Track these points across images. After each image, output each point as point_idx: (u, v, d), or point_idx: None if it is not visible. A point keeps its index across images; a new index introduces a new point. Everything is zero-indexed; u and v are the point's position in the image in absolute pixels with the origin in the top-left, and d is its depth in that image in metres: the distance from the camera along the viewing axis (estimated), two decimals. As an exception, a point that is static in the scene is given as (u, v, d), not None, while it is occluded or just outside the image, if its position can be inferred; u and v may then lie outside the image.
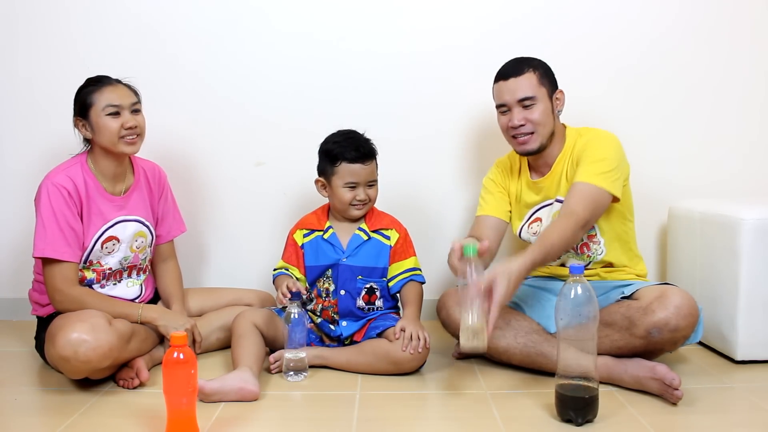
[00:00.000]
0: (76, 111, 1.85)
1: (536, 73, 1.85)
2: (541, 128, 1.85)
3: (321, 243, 1.95)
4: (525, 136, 1.86)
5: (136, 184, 1.95)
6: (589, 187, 1.76)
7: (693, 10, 2.35)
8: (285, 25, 2.34)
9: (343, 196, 1.91)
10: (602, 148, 1.82)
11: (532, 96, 1.84)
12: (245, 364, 1.71)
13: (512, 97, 1.85)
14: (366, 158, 1.90)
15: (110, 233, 1.86)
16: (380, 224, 1.98)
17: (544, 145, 1.87)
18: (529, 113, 1.84)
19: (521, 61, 1.89)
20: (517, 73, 1.86)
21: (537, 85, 1.85)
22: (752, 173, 2.38)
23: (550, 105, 1.87)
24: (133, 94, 1.87)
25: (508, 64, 1.90)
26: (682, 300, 1.64)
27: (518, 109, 1.85)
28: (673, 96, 2.36)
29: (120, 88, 1.85)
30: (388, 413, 1.59)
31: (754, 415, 1.60)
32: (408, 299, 1.93)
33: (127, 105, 1.83)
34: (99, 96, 1.81)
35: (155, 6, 2.33)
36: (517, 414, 1.58)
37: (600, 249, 1.89)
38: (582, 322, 1.47)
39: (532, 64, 1.87)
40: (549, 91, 1.87)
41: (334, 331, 1.92)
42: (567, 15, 2.33)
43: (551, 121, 1.87)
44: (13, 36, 2.33)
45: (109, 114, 1.80)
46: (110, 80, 1.86)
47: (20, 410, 1.65)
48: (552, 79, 1.90)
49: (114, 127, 1.80)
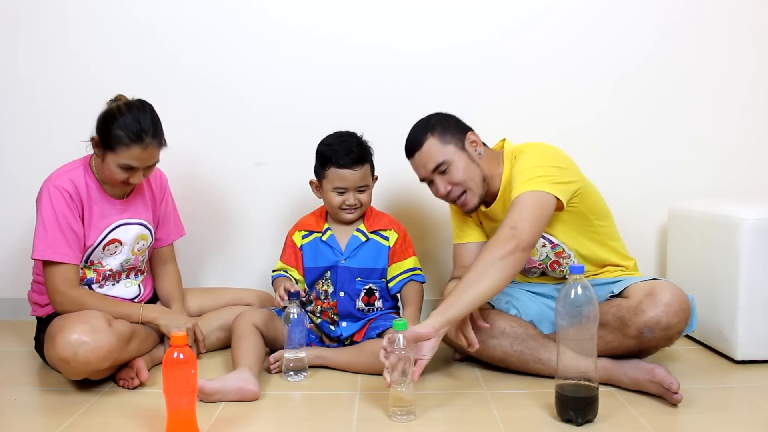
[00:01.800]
0: (98, 135, 1.76)
1: (435, 135, 1.78)
2: (470, 182, 1.79)
3: (319, 245, 1.94)
4: (461, 198, 1.81)
5: (138, 188, 1.94)
6: (523, 196, 1.63)
7: (693, 14, 2.34)
8: (285, 24, 2.34)
9: (332, 200, 1.91)
10: (531, 158, 1.73)
11: (442, 161, 1.77)
12: (245, 365, 1.71)
13: (426, 170, 1.80)
14: (355, 164, 1.87)
15: (113, 236, 1.86)
16: (379, 225, 1.97)
17: (483, 196, 1.81)
18: (450, 177, 1.78)
19: (417, 130, 1.82)
20: (417, 145, 1.80)
21: (442, 148, 1.77)
22: (752, 173, 2.38)
23: (465, 156, 1.79)
24: (159, 152, 1.79)
25: (408, 139, 1.84)
26: (672, 296, 1.62)
27: (438, 177, 1.80)
28: (673, 97, 2.36)
29: (149, 151, 1.75)
30: (388, 414, 1.58)
31: (754, 415, 1.60)
32: (408, 299, 1.93)
33: (143, 167, 1.78)
34: (125, 151, 1.72)
35: (155, 6, 2.33)
36: (517, 414, 1.58)
37: (572, 260, 1.85)
38: (582, 322, 1.47)
39: (427, 127, 1.80)
40: (458, 144, 1.79)
41: (334, 331, 1.92)
42: (569, 17, 2.33)
43: (476, 170, 1.80)
44: (13, 37, 2.33)
45: (122, 168, 1.76)
46: (144, 137, 1.72)
47: (20, 410, 1.65)
48: (455, 129, 1.81)
49: (120, 177, 1.77)
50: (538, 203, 1.63)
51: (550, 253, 1.85)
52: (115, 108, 1.75)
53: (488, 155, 1.85)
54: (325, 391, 1.75)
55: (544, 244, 1.84)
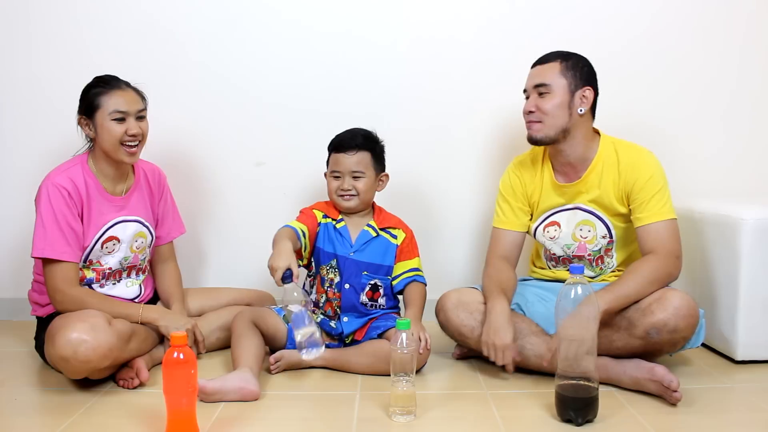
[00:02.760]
0: (82, 110, 1.84)
1: (562, 63, 1.80)
2: (549, 119, 1.80)
3: (332, 231, 1.95)
4: (532, 123, 1.83)
5: (136, 185, 1.95)
6: (664, 224, 1.76)
7: (699, 15, 2.35)
8: (285, 25, 2.34)
9: (330, 184, 1.95)
10: (655, 177, 1.79)
11: (547, 84, 1.79)
12: (245, 364, 1.71)
13: (531, 82, 1.84)
14: (351, 149, 1.91)
15: (110, 233, 1.86)
16: (388, 223, 1.99)
17: (551, 138, 1.81)
18: (541, 102, 1.80)
19: (557, 51, 1.86)
20: (544, 60, 1.84)
21: (557, 75, 1.79)
22: (752, 173, 2.38)
23: (567, 99, 1.80)
24: (141, 99, 1.87)
25: (545, 54, 1.87)
26: (682, 301, 1.64)
27: (534, 95, 1.83)
28: (674, 99, 2.36)
29: (129, 93, 1.83)
30: (388, 413, 1.58)
31: (754, 415, 1.60)
32: (411, 300, 1.93)
33: (133, 111, 1.82)
34: (107, 99, 1.80)
35: (155, 6, 2.33)
36: (517, 414, 1.58)
37: (612, 263, 1.90)
38: (581, 321, 1.47)
39: (563, 55, 1.83)
40: (571, 85, 1.80)
41: (335, 329, 1.92)
42: (577, 15, 2.33)
43: (564, 115, 1.80)
44: (14, 35, 2.33)
45: (115, 119, 1.79)
46: (119, 83, 1.84)
47: (20, 410, 1.65)
48: (581, 76, 1.81)
49: (117, 132, 1.79)
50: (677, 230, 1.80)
51: (604, 246, 1.88)
52: (87, 84, 1.86)
53: (586, 121, 1.84)
54: (325, 391, 1.75)
55: (605, 235, 1.86)
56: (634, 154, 1.83)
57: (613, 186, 1.83)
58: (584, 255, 1.90)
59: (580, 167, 1.86)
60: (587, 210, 1.87)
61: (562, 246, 1.91)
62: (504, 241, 1.96)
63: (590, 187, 1.85)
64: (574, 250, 1.90)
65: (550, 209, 1.92)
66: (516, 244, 1.96)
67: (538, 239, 1.97)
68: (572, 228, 1.89)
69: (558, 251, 1.93)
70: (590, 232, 1.88)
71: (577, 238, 1.89)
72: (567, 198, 1.89)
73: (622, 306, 1.68)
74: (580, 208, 1.87)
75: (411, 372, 1.54)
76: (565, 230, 1.90)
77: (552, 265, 1.97)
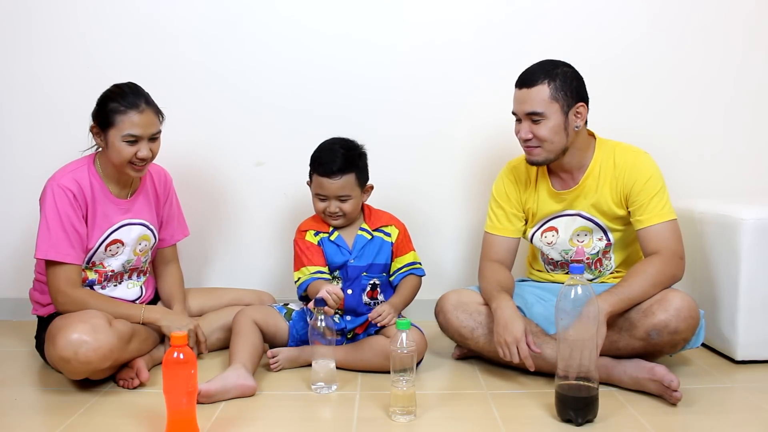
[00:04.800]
0: (96, 119, 1.79)
1: (550, 85, 1.74)
2: (548, 144, 1.77)
3: (328, 244, 1.95)
4: (533, 149, 1.80)
5: (141, 188, 1.94)
6: (666, 225, 1.76)
7: (701, 17, 2.34)
8: (285, 25, 2.34)
9: (316, 205, 1.93)
10: (654, 178, 1.79)
11: (540, 112, 1.74)
12: (239, 361, 1.73)
13: (521, 109, 1.78)
14: (335, 174, 1.87)
15: (115, 236, 1.86)
16: (380, 222, 1.99)
17: (551, 159, 1.80)
18: (536, 128, 1.76)
19: (540, 67, 1.78)
20: (530, 83, 1.76)
21: (548, 100, 1.74)
22: (752, 173, 2.38)
23: (562, 120, 1.75)
24: (158, 120, 1.82)
25: (526, 71, 1.80)
26: (683, 303, 1.64)
27: (527, 121, 1.77)
28: (673, 98, 2.36)
29: (146, 115, 1.77)
30: (388, 413, 1.58)
31: (754, 415, 1.60)
32: (398, 288, 1.96)
33: (147, 135, 1.78)
34: (123, 120, 1.75)
35: (155, 6, 2.33)
36: (517, 414, 1.58)
37: (610, 265, 1.90)
38: (582, 322, 1.47)
39: (550, 74, 1.75)
40: (564, 106, 1.75)
41: (338, 324, 1.92)
42: (575, 18, 2.33)
43: (562, 137, 1.77)
44: (16, 35, 2.33)
45: (127, 142, 1.76)
46: (139, 101, 1.77)
47: (20, 410, 1.65)
48: (571, 93, 1.76)
49: (127, 154, 1.77)
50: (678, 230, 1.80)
51: (602, 249, 1.88)
52: (106, 91, 1.80)
53: (582, 132, 1.82)
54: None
55: (601, 238, 1.86)
56: (631, 156, 1.83)
57: (610, 189, 1.82)
58: (582, 259, 1.89)
59: (576, 173, 1.86)
60: (587, 218, 1.86)
61: (560, 251, 1.91)
62: (498, 247, 1.95)
63: (588, 193, 1.85)
64: (572, 255, 1.90)
65: (548, 216, 1.91)
66: (510, 250, 1.95)
67: (535, 244, 1.96)
68: (570, 234, 1.88)
69: (556, 256, 1.93)
70: (587, 236, 1.88)
71: (574, 243, 1.89)
72: (565, 204, 1.88)
73: (626, 308, 1.68)
74: (581, 215, 1.86)
75: (411, 372, 1.54)
76: (562, 236, 1.89)
77: (550, 269, 1.97)
